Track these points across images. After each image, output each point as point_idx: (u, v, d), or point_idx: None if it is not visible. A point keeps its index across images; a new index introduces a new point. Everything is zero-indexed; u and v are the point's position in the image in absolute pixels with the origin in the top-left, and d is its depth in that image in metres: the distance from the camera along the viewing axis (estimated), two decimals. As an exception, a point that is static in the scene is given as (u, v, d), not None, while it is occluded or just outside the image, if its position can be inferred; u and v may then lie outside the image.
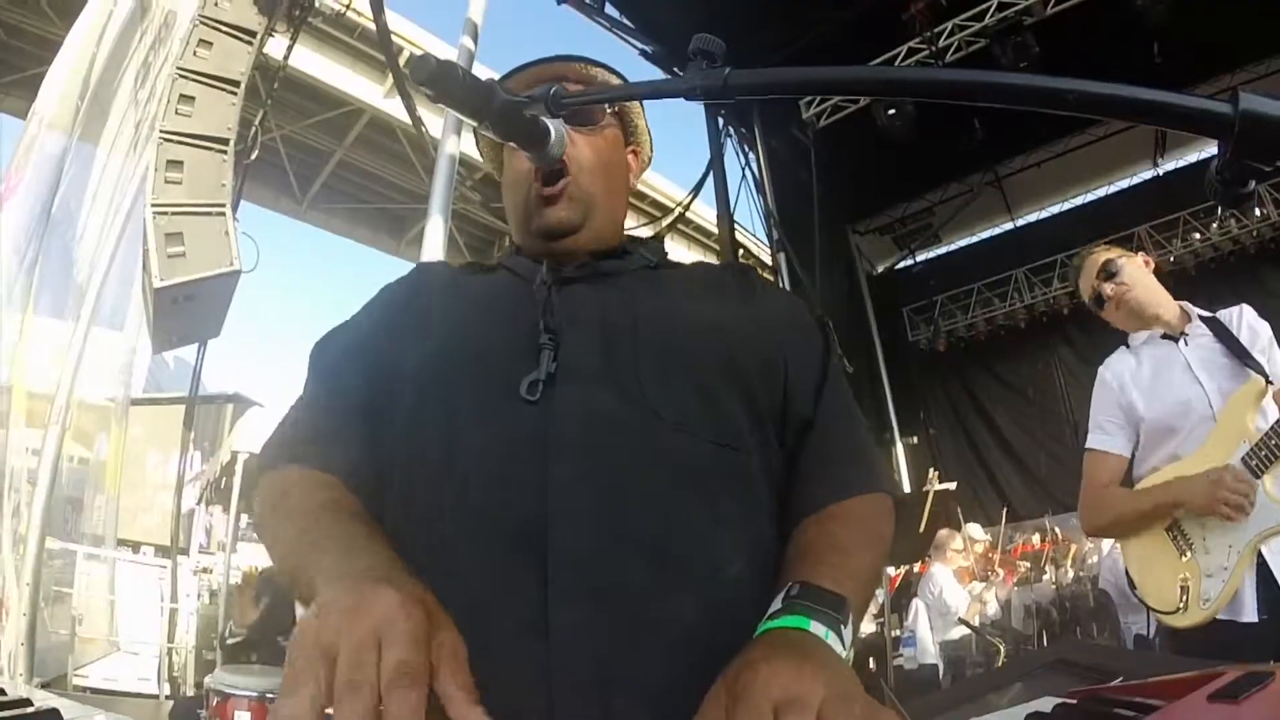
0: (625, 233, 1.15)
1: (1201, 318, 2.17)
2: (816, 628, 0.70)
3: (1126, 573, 2.19)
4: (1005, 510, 8.95)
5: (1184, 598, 1.93)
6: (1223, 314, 2.16)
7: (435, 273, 1.13)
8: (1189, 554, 1.96)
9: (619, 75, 1.09)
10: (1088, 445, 2.24)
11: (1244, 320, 2.13)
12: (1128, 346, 2.27)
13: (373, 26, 8.23)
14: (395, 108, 10.53)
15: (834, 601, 0.74)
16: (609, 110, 1.11)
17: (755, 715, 0.58)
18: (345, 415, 0.94)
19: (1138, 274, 2.23)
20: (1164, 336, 2.18)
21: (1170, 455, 2.09)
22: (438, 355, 0.93)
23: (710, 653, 0.71)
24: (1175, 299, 2.26)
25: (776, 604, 0.75)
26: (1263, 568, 1.88)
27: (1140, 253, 2.33)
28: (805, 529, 0.89)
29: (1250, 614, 1.87)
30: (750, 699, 0.59)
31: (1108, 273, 2.24)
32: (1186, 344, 2.13)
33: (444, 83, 0.80)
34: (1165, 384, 2.11)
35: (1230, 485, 1.87)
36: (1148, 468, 2.15)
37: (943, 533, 6.11)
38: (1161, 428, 2.10)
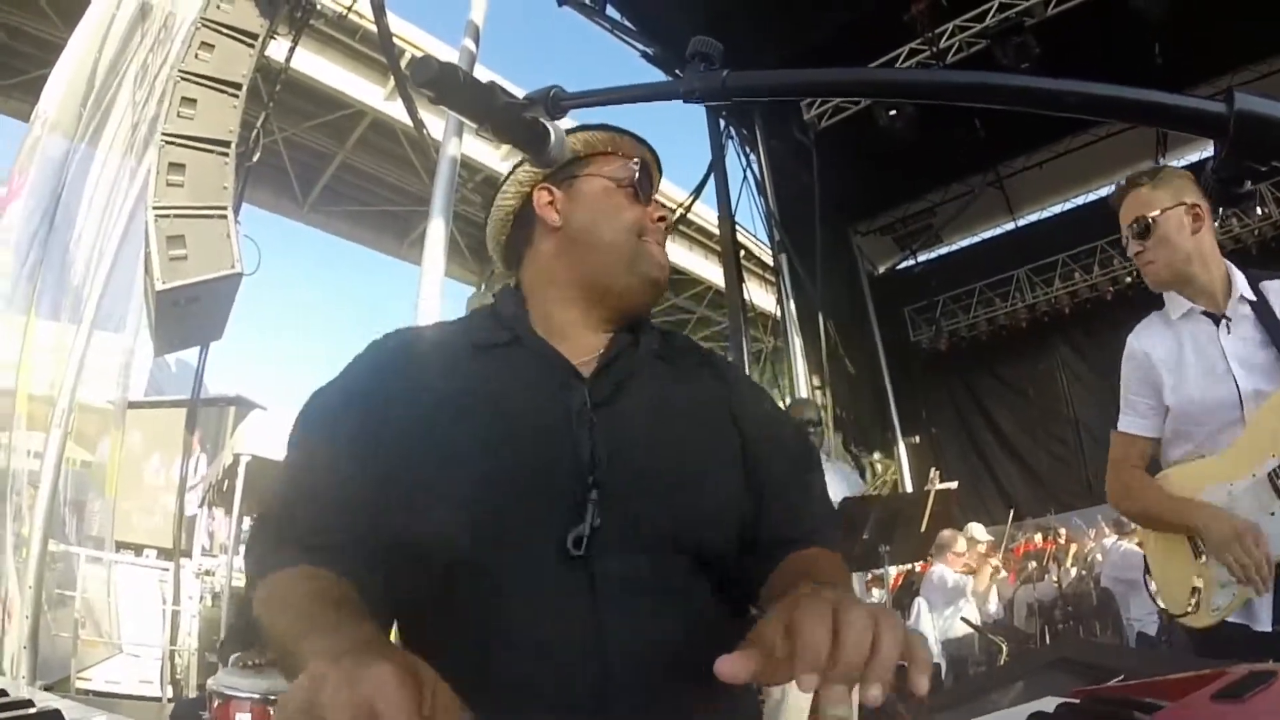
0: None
1: (1245, 298, 1.96)
2: None
3: (1145, 560, 2.12)
4: (1010, 510, 8.94)
5: (1193, 601, 1.89)
6: (1269, 285, 1.96)
7: (438, 347, 1.06)
8: (1204, 558, 1.90)
9: None
10: (1118, 425, 2.10)
11: None
12: (1162, 312, 2.09)
13: (374, 29, 8.23)
14: (397, 110, 10.53)
15: None
16: None
17: (820, 612, 0.65)
18: (339, 512, 0.91)
19: (1175, 239, 1.97)
20: (1205, 313, 1.99)
21: (1193, 451, 1.98)
22: (475, 496, 0.90)
23: None
24: None
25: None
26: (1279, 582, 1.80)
27: (1190, 200, 1.98)
28: (797, 558, 0.98)
29: (1265, 624, 1.81)
30: (812, 604, 0.67)
31: (1137, 230, 2.01)
32: (1229, 330, 1.95)
33: (445, 85, 0.80)
34: (1198, 374, 1.96)
35: (1248, 549, 1.76)
36: (1171, 458, 2.05)
37: (946, 533, 6.11)
38: (1187, 420, 1.98)
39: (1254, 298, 1.96)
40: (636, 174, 1.09)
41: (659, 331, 1.13)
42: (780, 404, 5.10)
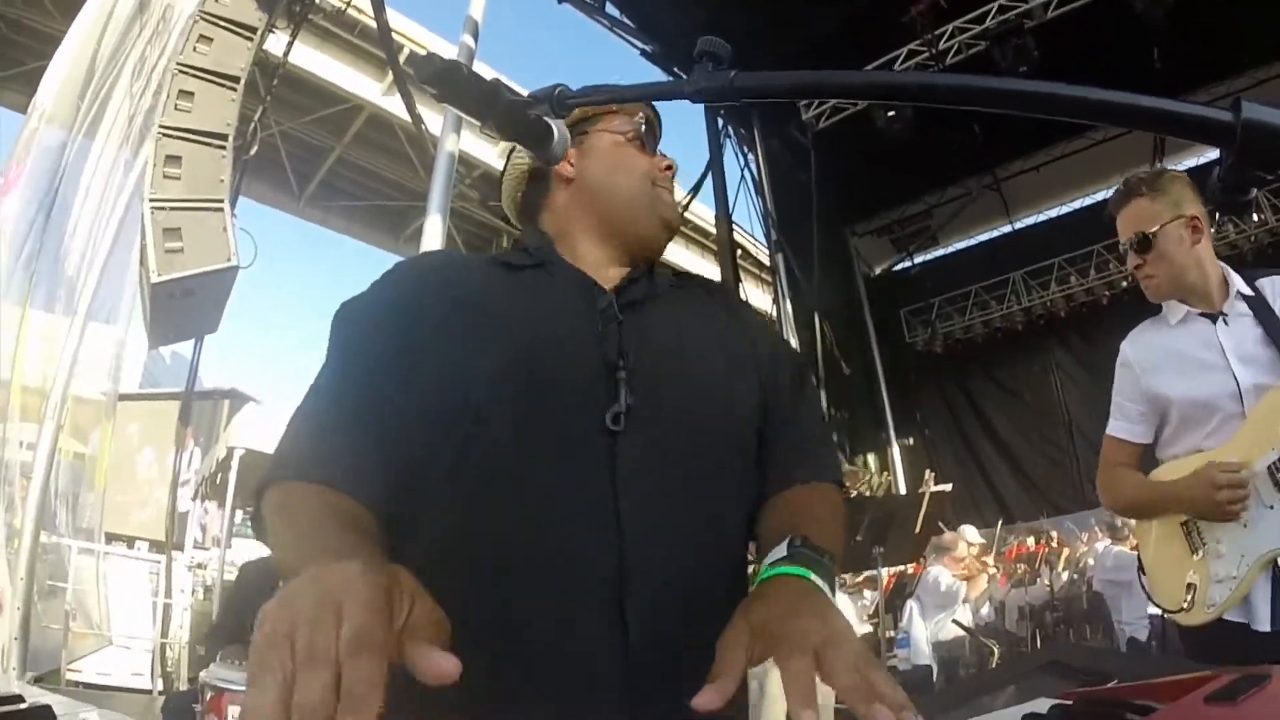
0: None
1: (1242, 294, 1.97)
2: (815, 578, 0.82)
3: (1139, 558, 2.12)
4: (1002, 512, 8.96)
5: (1189, 598, 1.88)
6: (1264, 283, 1.97)
7: (468, 267, 1.11)
8: (1200, 553, 1.89)
9: None
10: (1107, 429, 2.12)
11: None
12: (1159, 318, 2.09)
13: (373, 23, 8.23)
14: (394, 105, 10.52)
15: (828, 556, 0.86)
16: None
17: (801, 651, 0.68)
18: (364, 424, 0.92)
19: (1174, 253, 1.98)
20: (1202, 314, 1.98)
21: (1194, 447, 1.96)
22: (507, 373, 0.94)
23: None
24: None
25: (780, 551, 0.86)
26: (1279, 580, 1.80)
27: (1189, 212, 1.98)
28: (786, 499, 1.04)
29: (1264, 623, 1.79)
30: (795, 639, 0.70)
31: (1136, 244, 2.02)
32: (1226, 323, 1.94)
33: (448, 82, 0.80)
34: (1197, 370, 1.95)
35: (1225, 488, 1.79)
36: (1169, 455, 2.04)
37: (946, 536, 6.13)
38: (1189, 417, 1.97)
39: (1251, 293, 1.96)
40: (642, 127, 1.16)
41: (672, 271, 1.21)
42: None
